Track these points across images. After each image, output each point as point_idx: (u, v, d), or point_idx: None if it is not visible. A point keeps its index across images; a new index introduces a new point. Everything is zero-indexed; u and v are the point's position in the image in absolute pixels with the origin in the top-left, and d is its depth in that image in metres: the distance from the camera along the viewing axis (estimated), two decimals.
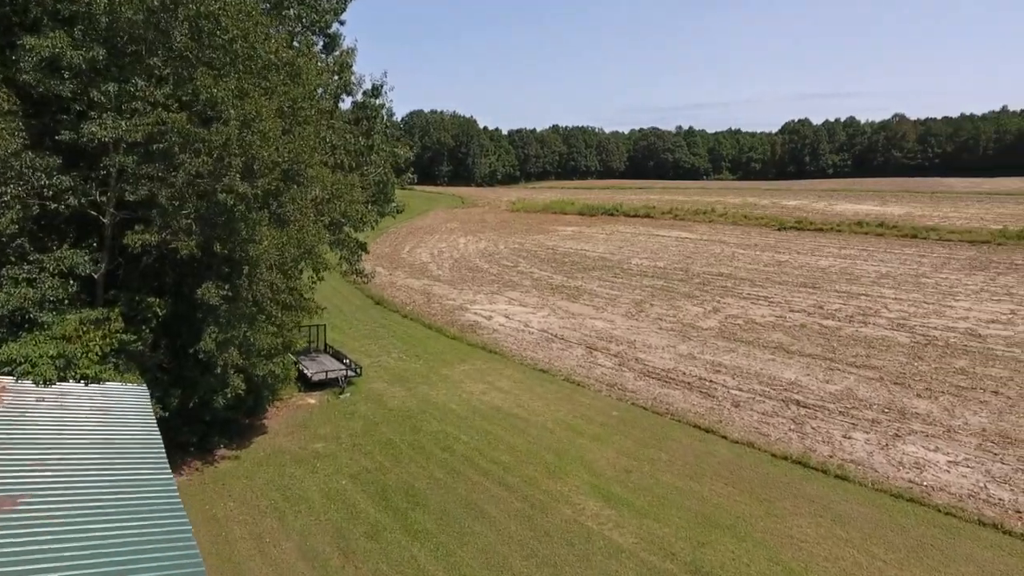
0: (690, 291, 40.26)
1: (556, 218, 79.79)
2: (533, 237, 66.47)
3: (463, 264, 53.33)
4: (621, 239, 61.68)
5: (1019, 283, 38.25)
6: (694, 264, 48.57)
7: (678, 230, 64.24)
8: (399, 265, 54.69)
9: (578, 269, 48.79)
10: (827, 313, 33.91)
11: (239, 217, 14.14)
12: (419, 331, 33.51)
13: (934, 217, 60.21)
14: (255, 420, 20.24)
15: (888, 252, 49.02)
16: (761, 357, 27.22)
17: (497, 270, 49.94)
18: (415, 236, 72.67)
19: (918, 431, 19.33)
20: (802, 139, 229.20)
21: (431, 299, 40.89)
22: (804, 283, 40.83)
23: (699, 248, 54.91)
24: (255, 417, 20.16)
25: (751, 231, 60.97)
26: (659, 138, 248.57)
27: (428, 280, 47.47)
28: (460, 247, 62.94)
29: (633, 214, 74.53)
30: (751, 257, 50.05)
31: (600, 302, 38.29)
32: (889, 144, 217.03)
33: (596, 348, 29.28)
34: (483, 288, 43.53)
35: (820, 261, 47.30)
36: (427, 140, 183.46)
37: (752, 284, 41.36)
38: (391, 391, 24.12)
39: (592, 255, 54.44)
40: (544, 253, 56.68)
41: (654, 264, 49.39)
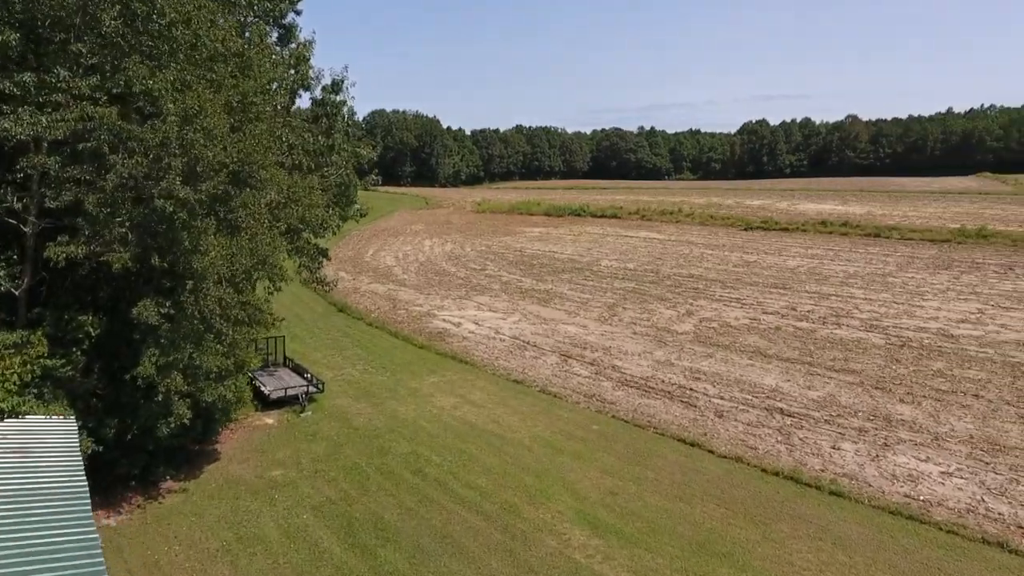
0: (662, 293, 39.61)
1: (522, 219, 78.76)
2: (500, 239, 65.25)
3: (429, 268, 51.76)
4: (589, 240, 60.95)
5: (982, 282, 38.73)
6: (664, 265, 48.06)
7: (646, 230, 63.87)
8: (363, 269, 52.79)
9: (547, 272, 47.76)
10: (800, 315, 33.59)
11: (181, 225, 12.50)
12: (385, 340, 31.92)
13: (894, 216, 61.21)
14: (206, 446, 18.49)
15: (853, 251, 49.39)
16: (739, 362, 26.54)
17: (465, 273, 48.56)
18: (379, 238, 70.68)
19: (906, 439, 18.78)
20: (760, 139, 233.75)
21: (397, 305, 39.28)
22: (775, 284, 40.61)
23: (668, 249, 54.53)
24: (206, 442, 18.41)
25: (718, 231, 60.96)
26: (621, 138, 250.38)
27: (393, 285, 45.78)
28: (426, 250, 61.32)
29: (600, 214, 73.98)
30: (720, 258, 49.82)
31: (572, 306, 37.29)
32: (843, 144, 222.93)
33: (571, 356, 28.20)
34: (451, 293, 42.11)
35: (788, 261, 47.32)
36: (389, 140, 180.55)
37: (723, 285, 40.95)
38: (356, 408, 22.56)
39: (561, 257, 53.50)
40: (512, 255, 55.51)
41: (624, 266, 48.71)
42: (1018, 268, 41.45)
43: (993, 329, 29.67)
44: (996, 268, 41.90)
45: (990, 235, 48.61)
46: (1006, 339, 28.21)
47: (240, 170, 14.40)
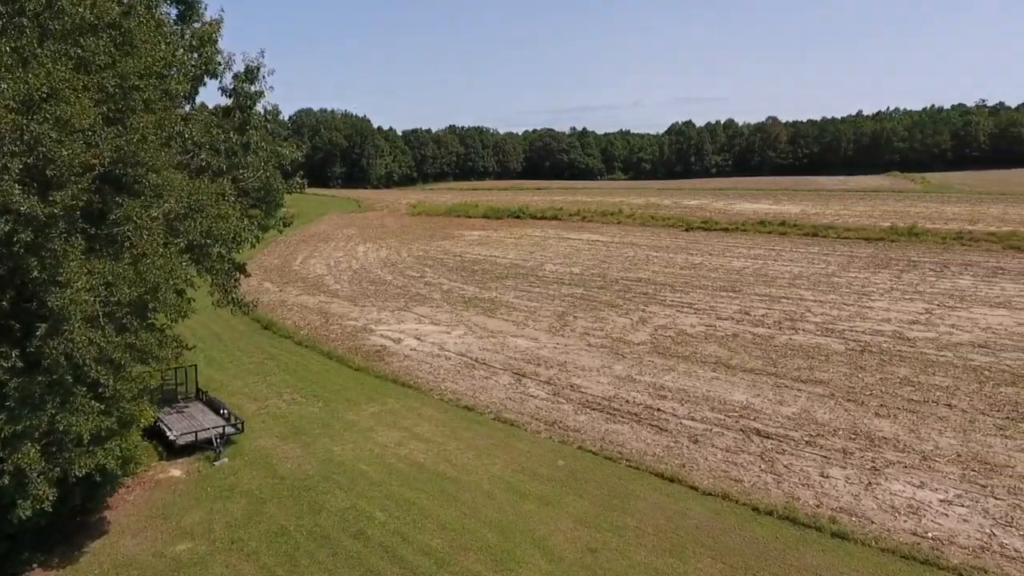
0: (612, 299, 37.92)
1: (460, 222, 75.98)
2: (438, 243, 62.31)
3: (364, 276, 48.28)
4: (531, 243, 58.95)
5: (922, 280, 39.12)
6: (610, 269, 46.55)
7: (588, 232, 62.49)
8: (291, 279, 48.71)
9: (490, 278, 45.32)
10: (755, 320, 32.57)
11: (25, 249, 9.27)
12: (317, 362, 28.59)
13: (827, 215, 62.32)
14: (90, 517, 14.95)
15: (795, 251, 49.49)
16: (703, 375, 24.95)
17: (402, 282, 45.44)
18: (308, 244, 66.24)
19: (894, 461, 17.46)
20: (687, 140, 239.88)
21: (329, 320, 35.83)
22: (724, 287, 39.71)
23: (612, 252, 53.18)
24: (90, 513, 14.88)
25: (660, 232, 60.28)
26: (554, 139, 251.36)
27: (325, 296, 42.14)
28: (359, 256, 57.62)
29: (540, 216, 72.21)
30: (665, 260, 48.82)
31: (519, 316, 34.99)
32: (764, 145, 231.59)
33: (524, 374, 25.85)
34: (388, 304, 38.97)
35: (733, 262, 46.79)
36: (318, 140, 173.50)
37: (673, 290, 39.72)
38: (283, 449, 19.38)
39: (503, 262, 51.18)
40: (452, 261, 52.74)
41: (569, 270, 46.89)
42: (952, 266, 42.29)
43: (945, 331, 29.44)
44: (932, 266, 42.63)
45: (920, 233, 49.77)
46: (960, 340, 27.94)
47: (119, 174, 11.19)
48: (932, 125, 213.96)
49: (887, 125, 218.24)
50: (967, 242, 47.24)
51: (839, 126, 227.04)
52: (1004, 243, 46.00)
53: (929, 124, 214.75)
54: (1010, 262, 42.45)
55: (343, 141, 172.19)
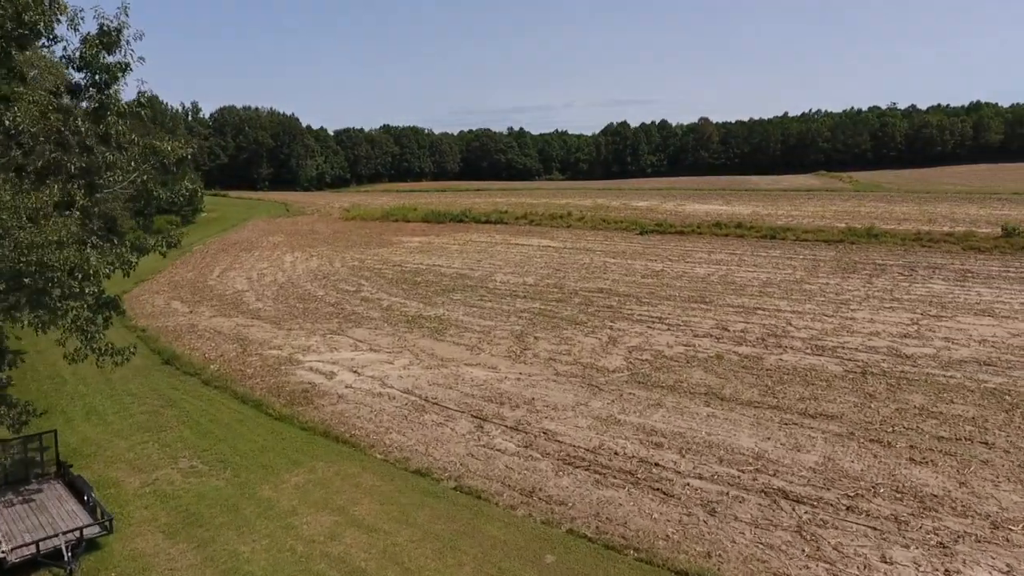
0: (574, 315, 34.01)
1: (398, 227, 70.63)
2: (375, 251, 56.90)
3: (291, 291, 42.56)
4: (477, 250, 54.46)
5: (895, 286, 37.15)
6: (567, 279, 42.69)
7: (537, 237, 58.56)
8: (205, 297, 42.43)
9: (436, 291, 40.60)
10: (736, 336, 29.34)
11: None
12: (228, 409, 23.21)
13: (780, 216, 60.77)
14: None
15: (756, 255, 47.12)
16: (697, 412, 21.26)
17: (336, 297, 40.07)
18: (229, 254, 59.44)
19: (961, 532, 14.08)
20: (623, 140, 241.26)
21: (248, 349, 30.29)
22: (693, 297, 36.52)
23: (566, 259, 49.40)
24: None
25: (613, 236, 57.02)
26: (491, 139, 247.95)
27: (244, 318, 36.35)
28: (287, 267, 51.60)
29: (484, 220, 67.76)
30: (624, 267, 45.41)
31: (473, 338, 30.54)
32: (697, 145, 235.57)
33: (486, 416, 21.44)
34: (319, 326, 33.67)
35: (696, 269, 43.86)
36: (242, 140, 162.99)
37: (639, 301, 36.21)
38: (170, 555, 14.20)
39: (449, 272, 46.51)
40: (391, 271, 47.63)
41: (523, 280, 42.73)
42: (919, 270, 40.71)
43: (941, 345, 26.98)
44: (899, 270, 40.93)
45: (879, 235, 48.43)
46: (962, 357, 25.44)
47: None
48: (853, 126, 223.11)
49: (812, 126, 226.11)
50: (926, 243, 46.09)
51: (767, 127, 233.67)
52: (963, 244, 45.05)
53: (850, 125, 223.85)
54: (975, 264, 41.26)
55: (269, 141, 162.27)
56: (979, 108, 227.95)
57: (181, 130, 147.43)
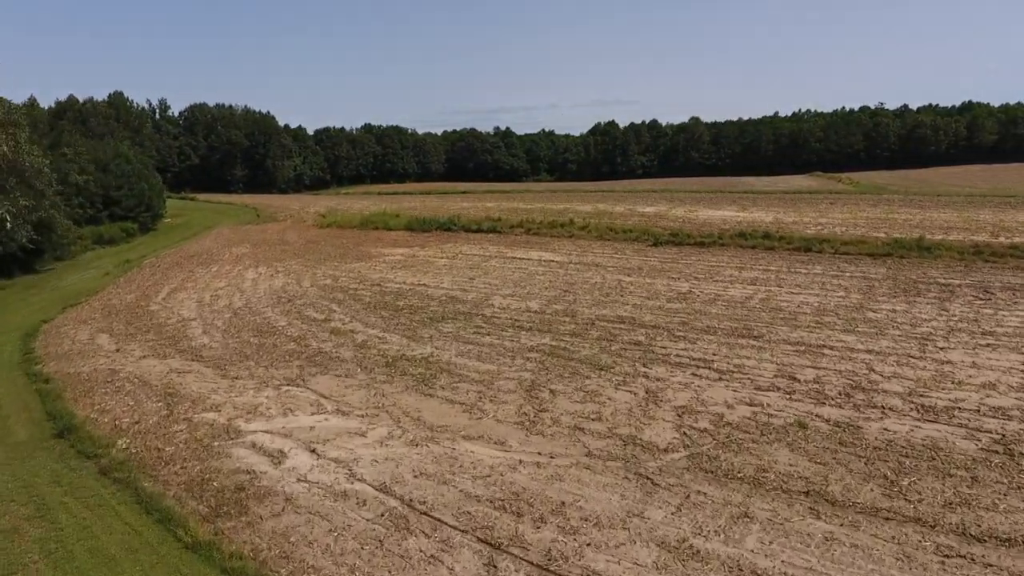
0: (594, 354, 27.26)
1: (379, 236, 63.38)
2: (351, 266, 49.72)
3: (247, 320, 35.35)
4: (469, 265, 47.49)
5: (977, 313, 30.83)
6: (578, 303, 35.91)
7: (538, 249, 51.68)
8: (142, 328, 35.08)
9: (422, 320, 33.64)
10: (810, 390, 22.75)
11: None
12: (120, 526, 16.03)
13: (808, 224, 54.45)
14: None
15: (795, 272, 40.68)
16: (807, 531, 14.55)
17: (300, 329, 32.95)
18: (183, 269, 51.90)
19: None
20: (612, 140, 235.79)
21: (175, 411, 23.12)
22: (736, 329, 29.93)
23: (573, 276, 42.60)
24: None
25: (624, 248, 50.33)
26: (477, 139, 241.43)
27: (182, 359, 29.15)
28: (247, 287, 44.28)
29: (475, 228, 60.67)
30: (644, 288, 38.73)
31: (471, 391, 23.67)
32: (688, 145, 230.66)
33: (499, 543, 14.56)
34: (274, 372, 26.58)
35: (730, 290, 37.30)
36: (214, 139, 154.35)
37: (672, 335, 29.55)
38: None
39: (437, 294, 39.52)
40: (369, 293, 40.54)
41: (525, 305, 35.88)
42: (996, 291, 34.50)
43: None
44: (972, 291, 34.67)
45: (931, 247, 42.24)
46: None
47: None
48: (845, 126, 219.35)
49: (804, 126, 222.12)
50: (989, 257, 39.99)
51: (759, 127, 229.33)
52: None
53: (842, 125, 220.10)
54: None
55: (244, 140, 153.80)
56: (971, 108, 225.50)
57: (148, 129, 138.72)
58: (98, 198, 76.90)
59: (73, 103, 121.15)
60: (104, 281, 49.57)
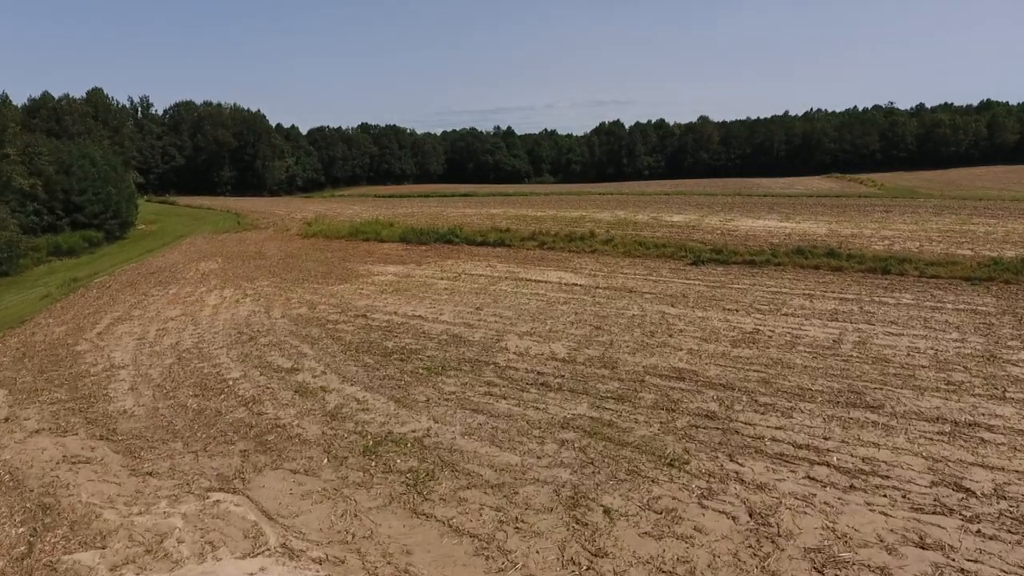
0: (654, 435, 19.45)
1: (369, 249, 55.43)
2: (334, 288, 41.82)
3: (192, 368, 27.44)
4: (475, 289, 39.57)
5: None
6: (616, 347, 28.06)
7: (555, 268, 43.77)
8: (55, 379, 27.15)
9: (416, 373, 25.78)
10: (1003, 514, 14.93)
11: None
12: None
13: (871, 238, 46.52)
14: None
15: (881, 302, 32.84)
16: None
17: (255, 386, 25.07)
18: (137, 290, 43.97)
19: None
20: (618, 140, 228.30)
21: (38, 546, 15.20)
22: (841, 393, 22.09)
23: (604, 307, 34.70)
24: None
25: (659, 267, 42.45)
26: (477, 139, 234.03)
27: (87, 435, 21.24)
28: (204, 316, 36.39)
29: (480, 241, 52.69)
30: (697, 324, 30.87)
31: (485, 512, 15.81)
32: (697, 146, 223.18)
33: None
34: (206, 464, 18.68)
35: (809, 328, 29.45)
36: (200, 139, 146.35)
37: (754, 401, 21.70)
38: None
39: (435, 330, 31.64)
40: (351, 328, 32.65)
41: (549, 349, 28.01)
42: None
43: None
44: None
45: None
46: None
47: None
48: (860, 126, 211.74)
49: (817, 126, 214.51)
50: None
51: (770, 126, 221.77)
52: None
53: (857, 125, 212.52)
54: None
55: (232, 140, 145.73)
56: (991, 107, 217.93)
57: (128, 128, 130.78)
58: (58, 204, 68.99)
59: (47, 100, 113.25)
60: (39, 306, 41.62)
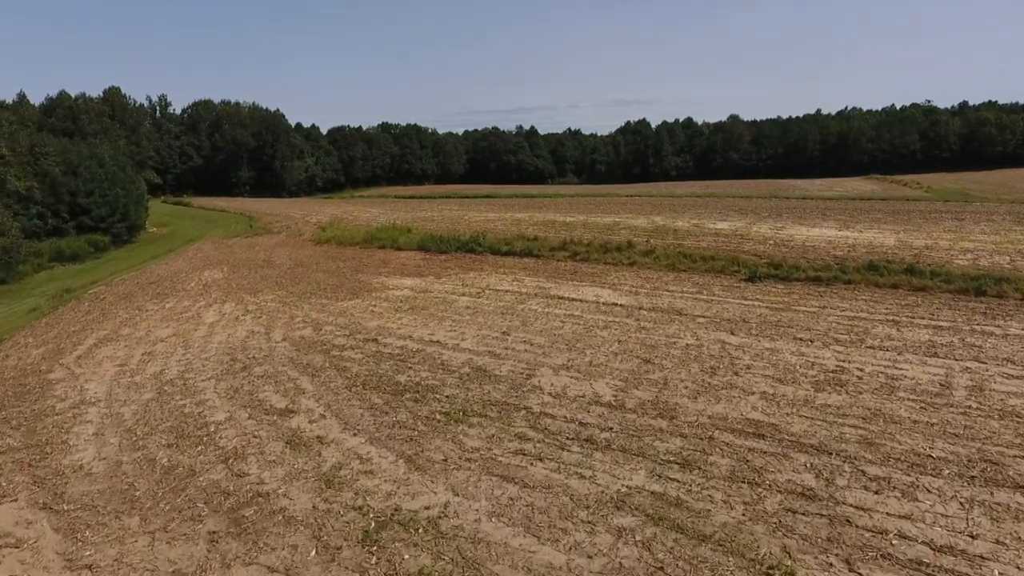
0: (738, 523, 14.74)
1: (385, 257, 51.25)
2: (343, 304, 37.62)
3: (172, 406, 23.27)
4: (501, 308, 35.03)
5: None
6: (672, 387, 23.29)
7: (591, 284, 39.04)
8: (10, 419, 23.19)
9: (432, 419, 21.32)
10: None
11: None
12: None
13: (951, 251, 40.99)
14: None
15: (985, 333, 27.62)
16: None
17: (240, 435, 20.81)
18: (130, 304, 40.24)
19: None
20: (644, 140, 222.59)
21: None
22: (972, 463, 17.14)
23: (651, 333, 29.90)
24: None
25: (709, 284, 37.50)
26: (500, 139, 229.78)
27: (28, 501, 17.04)
28: (198, 338, 32.39)
29: (506, 250, 48.19)
30: (765, 358, 25.96)
31: None
32: (727, 145, 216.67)
33: None
34: (159, 553, 14.30)
35: (904, 367, 24.39)
36: (218, 139, 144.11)
37: (859, 472, 16.84)
38: None
39: (456, 360, 27.17)
40: (359, 356, 28.33)
41: (591, 390, 23.35)
42: None
43: None
44: None
45: None
46: None
47: None
48: (900, 125, 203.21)
49: (854, 125, 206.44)
50: None
51: (804, 125, 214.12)
52: None
53: (896, 124, 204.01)
54: None
55: (250, 140, 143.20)
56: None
57: (146, 127, 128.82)
58: (64, 206, 66.08)
59: (64, 99, 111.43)
60: (24, 321, 38.06)
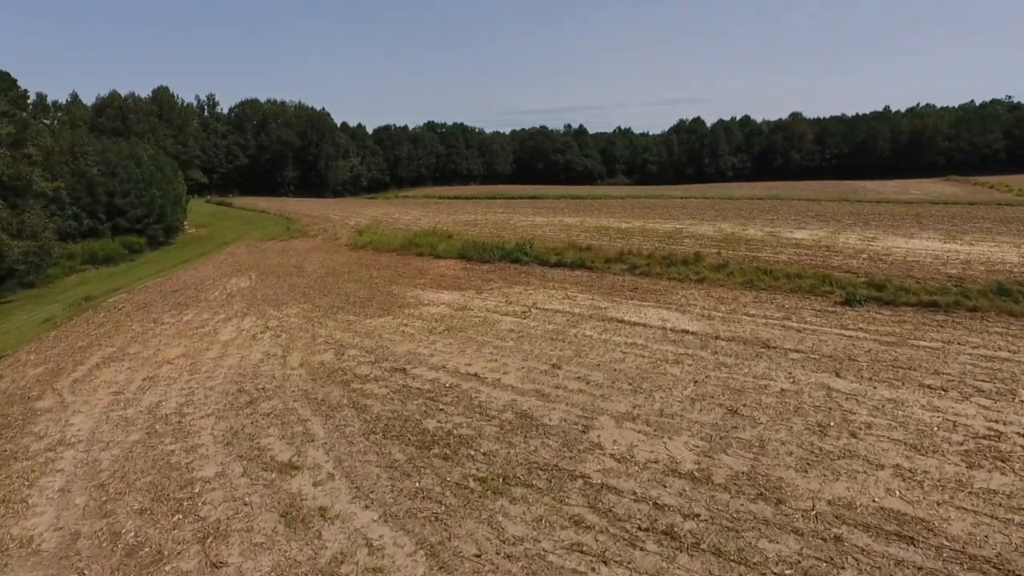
0: None
1: (422, 266, 47.07)
2: (372, 322, 33.47)
3: (157, 453, 19.31)
4: (549, 333, 30.15)
5: None
6: (772, 454, 18.02)
7: (654, 303, 33.77)
8: None
9: (465, 488, 16.68)
10: None
11: None
12: None
13: None
14: None
15: None
16: None
17: (229, 499, 16.60)
18: (147, 315, 37.13)
19: None
20: (699, 139, 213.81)
21: None
22: None
23: (734, 374, 24.49)
24: None
25: (799, 308, 31.73)
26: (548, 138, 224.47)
27: None
28: (206, 362, 28.70)
29: (556, 261, 43.25)
30: (890, 413, 20.34)
31: None
32: (788, 144, 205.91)
33: None
34: None
35: None
36: (264, 138, 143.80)
37: None
38: None
39: (497, 402, 22.45)
40: (382, 392, 23.95)
41: (667, 454, 18.30)
42: None
43: None
44: None
45: None
46: None
47: None
48: (980, 122, 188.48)
49: (928, 123, 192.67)
50: None
51: (872, 123, 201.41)
52: None
53: (977, 121, 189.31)
54: None
55: (296, 139, 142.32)
56: None
57: (193, 127, 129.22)
58: (100, 207, 64.53)
59: (115, 99, 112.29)
60: (33, 333, 35.35)
